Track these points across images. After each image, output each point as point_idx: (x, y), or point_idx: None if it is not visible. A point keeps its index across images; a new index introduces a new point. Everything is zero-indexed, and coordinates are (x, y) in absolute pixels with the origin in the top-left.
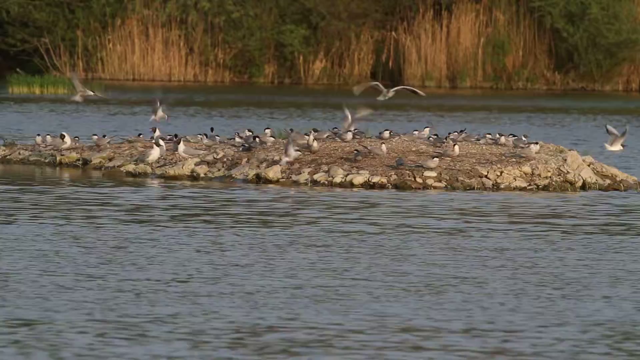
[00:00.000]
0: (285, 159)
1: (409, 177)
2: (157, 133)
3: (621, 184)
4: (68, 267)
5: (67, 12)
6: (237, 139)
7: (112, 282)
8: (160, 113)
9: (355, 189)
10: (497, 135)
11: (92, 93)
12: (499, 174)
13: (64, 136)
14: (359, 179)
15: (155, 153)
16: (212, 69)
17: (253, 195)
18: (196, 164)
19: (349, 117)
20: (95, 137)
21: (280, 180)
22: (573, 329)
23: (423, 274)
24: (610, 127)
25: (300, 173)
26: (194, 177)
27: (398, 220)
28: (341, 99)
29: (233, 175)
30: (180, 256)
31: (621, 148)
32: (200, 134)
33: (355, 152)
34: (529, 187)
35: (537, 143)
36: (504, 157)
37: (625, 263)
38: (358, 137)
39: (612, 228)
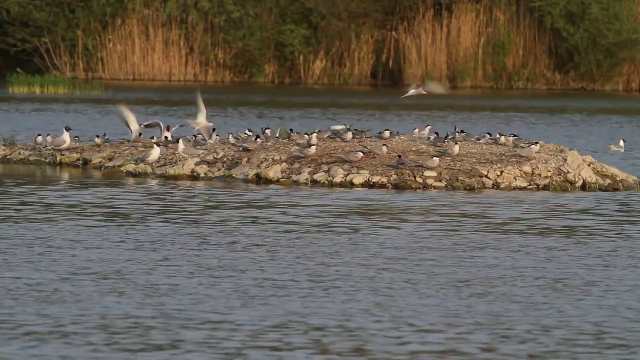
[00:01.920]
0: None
1: (409, 176)
2: (166, 133)
3: (621, 184)
4: None
5: (68, 11)
6: (231, 139)
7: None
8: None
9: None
10: (497, 135)
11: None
12: (499, 173)
13: (69, 129)
14: (359, 179)
15: (155, 153)
16: (212, 69)
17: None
18: (196, 164)
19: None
20: (98, 138)
21: (281, 180)
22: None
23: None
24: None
25: (301, 173)
26: (194, 176)
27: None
28: (341, 98)
29: (233, 175)
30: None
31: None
32: (200, 134)
33: (342, 157)
34: (529, 187)
35: (537, 143)
36: (504, 157)
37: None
38: (358, 137)
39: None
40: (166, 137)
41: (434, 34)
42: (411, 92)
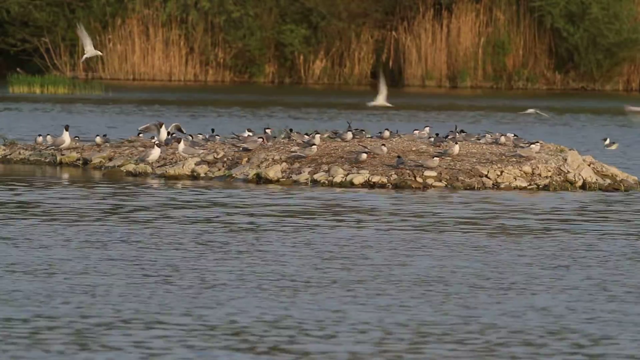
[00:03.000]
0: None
1: (409, 176)
2: (163, 134)
3: (621, 184)
4: None
5: (68, 11)
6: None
7: None
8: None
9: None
10: (498, 135)
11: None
12: (499, 173)
13: (68, 127)
14: (359, 179)
15: (155, 153)
16: (212, 69)
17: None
18: (196, 164)
19: None
20: (98, 137)
21: (281, 180)
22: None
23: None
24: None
25: (301, 173)
26: (194, 176)
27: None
28: (341, 98)
29: (233, 175)
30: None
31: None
32: (200, 134)
33: (349, 156)
34: (529, 187)
35: (537, 142)
36: (504, 157)
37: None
38: (358, 137)
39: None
40: (169, 133)
41: (434, 33)
42: (529, 111)
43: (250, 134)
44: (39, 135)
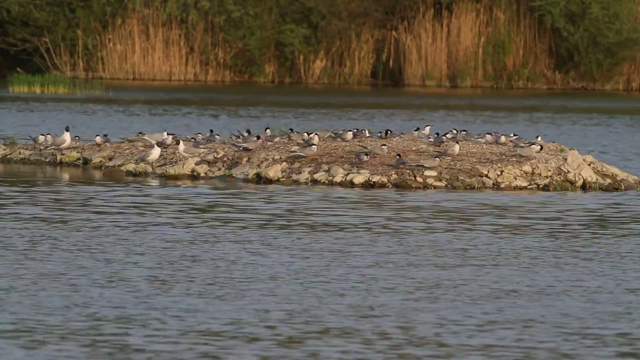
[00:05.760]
0: None
1: (409, 176)
2: (165, 135)
3: (621, 183)
4: None
5: (68, 11)
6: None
7: None
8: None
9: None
10: (498, 134)
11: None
12: (499, 173)
13: (69, 128)
14: (359, 179)
15: (155, 153)
16: (212, 69)
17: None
18: (197, 164)
19: None
20: (99, 137)
21: (281, 179)
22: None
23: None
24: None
25: (301, 172)
26: (194, 176)
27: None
28: (341, 98)
29: (233, 175)
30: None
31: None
32: (200, 134)
33: (350, 157)
34: (529, 187)
35: (537, 142)
36: (504, 157)
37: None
38: (358, 137)
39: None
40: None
41: (434, 33)
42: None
43: (248, 134)
44: (40, 135)
